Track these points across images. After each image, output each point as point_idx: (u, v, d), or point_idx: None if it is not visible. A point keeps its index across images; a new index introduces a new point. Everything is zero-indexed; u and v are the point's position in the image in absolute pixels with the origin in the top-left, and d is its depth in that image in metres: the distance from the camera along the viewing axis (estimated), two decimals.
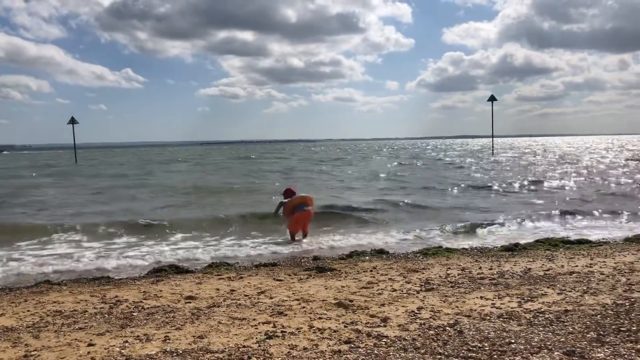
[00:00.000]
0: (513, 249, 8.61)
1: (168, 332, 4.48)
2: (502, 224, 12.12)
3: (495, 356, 3.74)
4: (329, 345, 4.05)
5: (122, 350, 4.06)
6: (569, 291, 5.57)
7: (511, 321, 4.55)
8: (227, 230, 11.83)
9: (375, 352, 3.88)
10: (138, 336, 4.40)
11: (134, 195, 19.73)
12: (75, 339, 4.37)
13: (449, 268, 7.09)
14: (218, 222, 12.86)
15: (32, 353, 4.08)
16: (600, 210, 13.80)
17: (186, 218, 13.61)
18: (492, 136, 50.05)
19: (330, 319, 4.77)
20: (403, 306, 5.15)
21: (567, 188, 19.86)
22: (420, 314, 4.86)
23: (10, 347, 4.24)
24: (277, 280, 6.65)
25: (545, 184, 21.54)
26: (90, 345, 4.22)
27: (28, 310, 5.43)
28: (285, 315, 4.94)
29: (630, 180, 21.99)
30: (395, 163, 42.66)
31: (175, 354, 3.94)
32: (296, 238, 10.66)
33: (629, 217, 13.03)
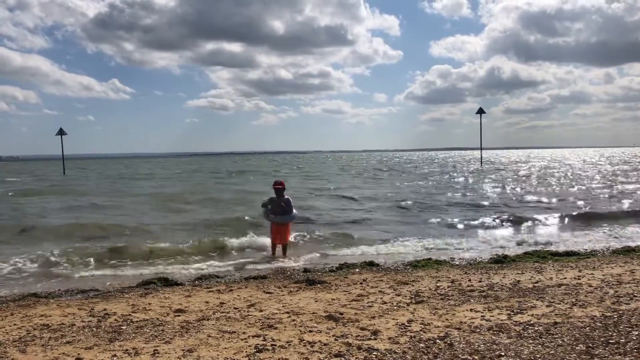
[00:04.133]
0: (502, 261, 8.66)
1: (157, 346, 4.44)
2: None
3: None
4: (320, 359, 4.04)
5: None
6: (558, 303, 5.60)
7: (501, 334, 4.56)
8: (217, 242, 11.76)
9: None
10: (127, 350, 4.35)
11: None
12: (63, 353, 4.32)
13: (439, 280, 7.10)
14: (207, 232, 12.80)
15: None
16: None
17: (177, 225, 13.57)
18: (481, 148, 50.44)
19: (320, 332, 4.75)
20: (393, 319, 5.15)
21: None
22: (410, 326, 4.87)
23: None
24: (267, 292, 6.63)
25: None
26: (78, 359, 4.17)
27: (14, 324, 5.35)
28: (276, 328, 4.92)
29: None
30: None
31: None
32: (276, 253, 10.27)
33: None
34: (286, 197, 10.49)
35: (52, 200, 22.73)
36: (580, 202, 18.88)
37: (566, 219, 15.06)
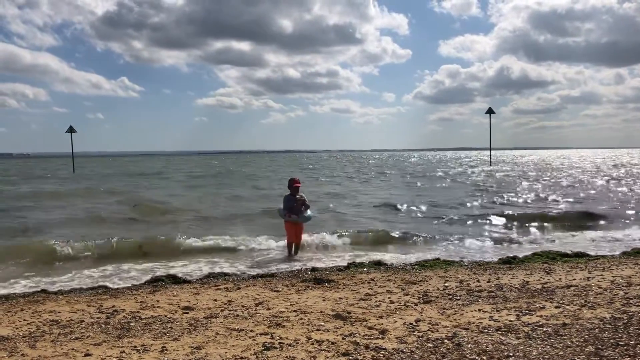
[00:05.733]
0: (511, 262, 8.62)
1: (165, 343, 4.46)
2: None
3: None
4: (327, 357, 4.04)
5: None
6: (567, 304, 5.57)
7: (509, 334, 4.54)
8: (225, 239, 11.79)
9: None
10: (135, 346, 4.38)
11: None
12: (72, 349, 4.35)
13: (447, 280, 7.08)
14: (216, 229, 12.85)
15: None
16: None
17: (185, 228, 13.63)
18: (490, 148, 50.24)
19: (328, 331, 4.75)
20: (401, 318, 5.14)
21: None
22: (418, 326, 4.86)
23: (6, 356, 4.22)
24: (275, 291, 6.64)
25: None
26: (87, 355, 4.20)
27: (24, 320, 5.40)
28: (283, 326, 4.93)
29: None
30: None
31: None
32: (292, 253, 10.16)
33: None
34: (301, 194, 10.28)
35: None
36: None
37: None
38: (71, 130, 40.03)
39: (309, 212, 10.27)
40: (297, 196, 10.22)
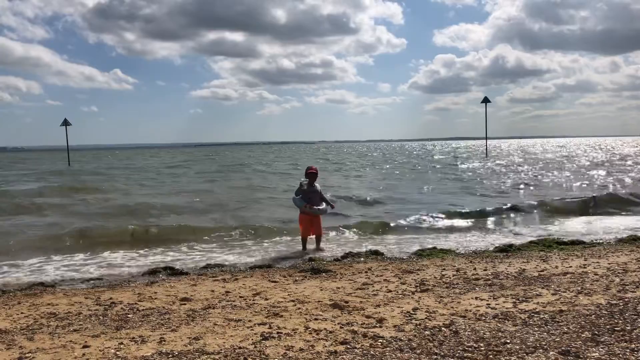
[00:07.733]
0: (507, 250, 8.65)
1: (163, 334, 4.47)
2: None
3: (490, 356, 3.75)
4: (325, 346, 4.05)
5: (118, 352, 4.04)
6: (564, 291, 5.60)
7: (506, 321, 4.57)
8: (221, 232, 11.78)
9: (372, 352, 3.89)
10: (133, 338, 4.38)
11: None
12: (70, 341, 4.35)
13: (444, 269, 7.11)
14: (211, 224, 12.83)
15: (27, 355, 4.05)
16: None
17: (181, 221, 13.61)
18: (486, 138, 50.26)
19: (326, 320, 4.77)
20: (398, 307, 5.16)
21: None
22: (415, 314, 4.88)
23: (4, 349, 4.22)
24: (272, 281, 6.65)
25: None
26: (85, 347, 4.20)
27: (22, 313, 5.40)
28: (281, 316, 4.94)
29: None
30: None
31: (170, 356, 3.93)
32: (307, 247, 9.64)
33: None
34: (317, 185, 9.84)
35: None
36: None
37: None
38: (66, 123, 39.78)
39: (323, 205, 9.82)
40: (315, 184, 9.77)
